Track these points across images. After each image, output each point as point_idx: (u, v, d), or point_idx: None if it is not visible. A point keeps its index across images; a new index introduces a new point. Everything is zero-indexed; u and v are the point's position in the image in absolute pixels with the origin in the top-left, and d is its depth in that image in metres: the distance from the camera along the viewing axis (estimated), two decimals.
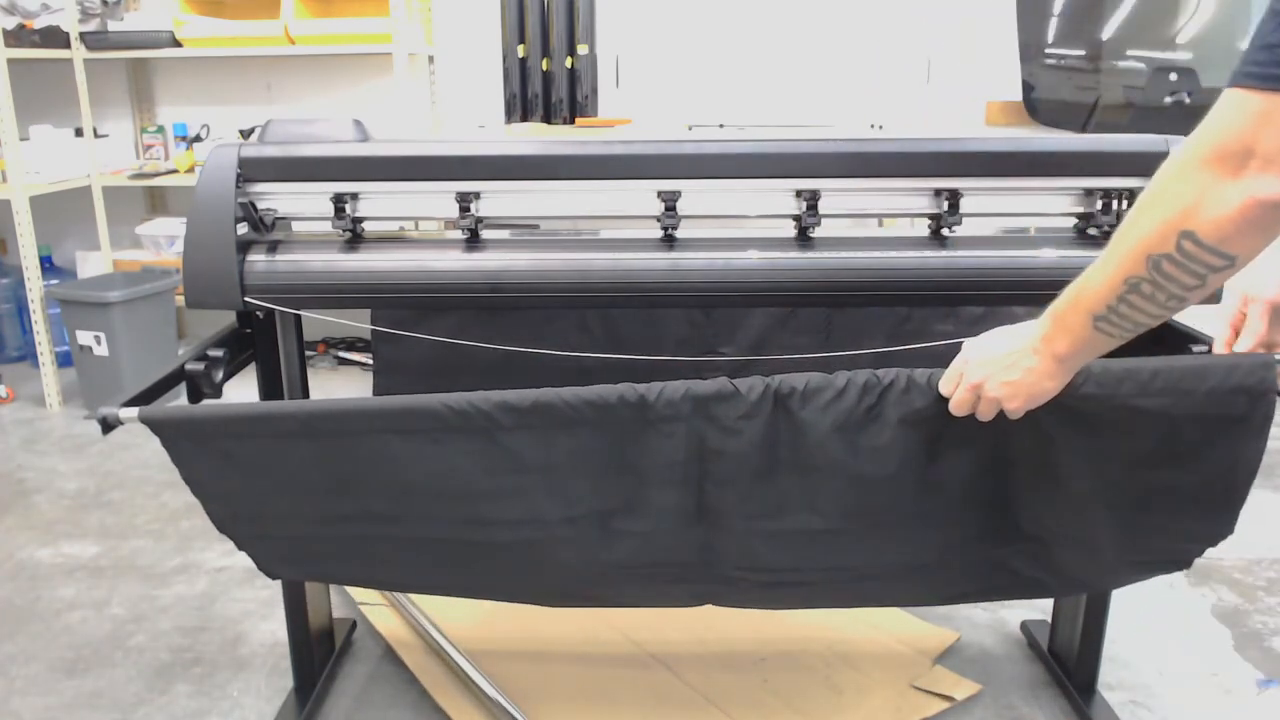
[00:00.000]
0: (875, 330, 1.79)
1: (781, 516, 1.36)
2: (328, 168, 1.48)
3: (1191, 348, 1.46)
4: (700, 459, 1.31)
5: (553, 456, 1.31)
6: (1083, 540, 1.39)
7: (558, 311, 1.78)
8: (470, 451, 1.30)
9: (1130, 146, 1.48)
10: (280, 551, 1.50)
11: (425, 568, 1.52)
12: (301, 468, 1.34)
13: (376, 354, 1.86)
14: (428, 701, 1.89)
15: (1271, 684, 1.97)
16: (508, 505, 1.36)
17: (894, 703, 1.87)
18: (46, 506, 2.79)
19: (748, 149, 1.47)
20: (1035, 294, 1.50)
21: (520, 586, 1.58)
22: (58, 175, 3.62)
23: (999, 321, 1.75)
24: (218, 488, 1.39)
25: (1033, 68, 3.58)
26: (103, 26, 3.76)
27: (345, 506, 1.38)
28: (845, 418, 1.28)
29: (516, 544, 1.41)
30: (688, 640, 2.02)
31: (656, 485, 1.34)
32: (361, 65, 3.90)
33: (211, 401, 1.37)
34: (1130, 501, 1.33)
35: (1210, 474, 1.30)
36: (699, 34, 3.77)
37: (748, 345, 1.80)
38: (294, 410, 1.31)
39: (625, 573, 1.46)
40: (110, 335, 3.37)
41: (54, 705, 1.92)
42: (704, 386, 1.26)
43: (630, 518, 1.37)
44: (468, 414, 1.27)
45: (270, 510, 1.41)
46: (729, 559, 1.44)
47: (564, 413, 1.27)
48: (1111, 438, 1.27)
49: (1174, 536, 1.39)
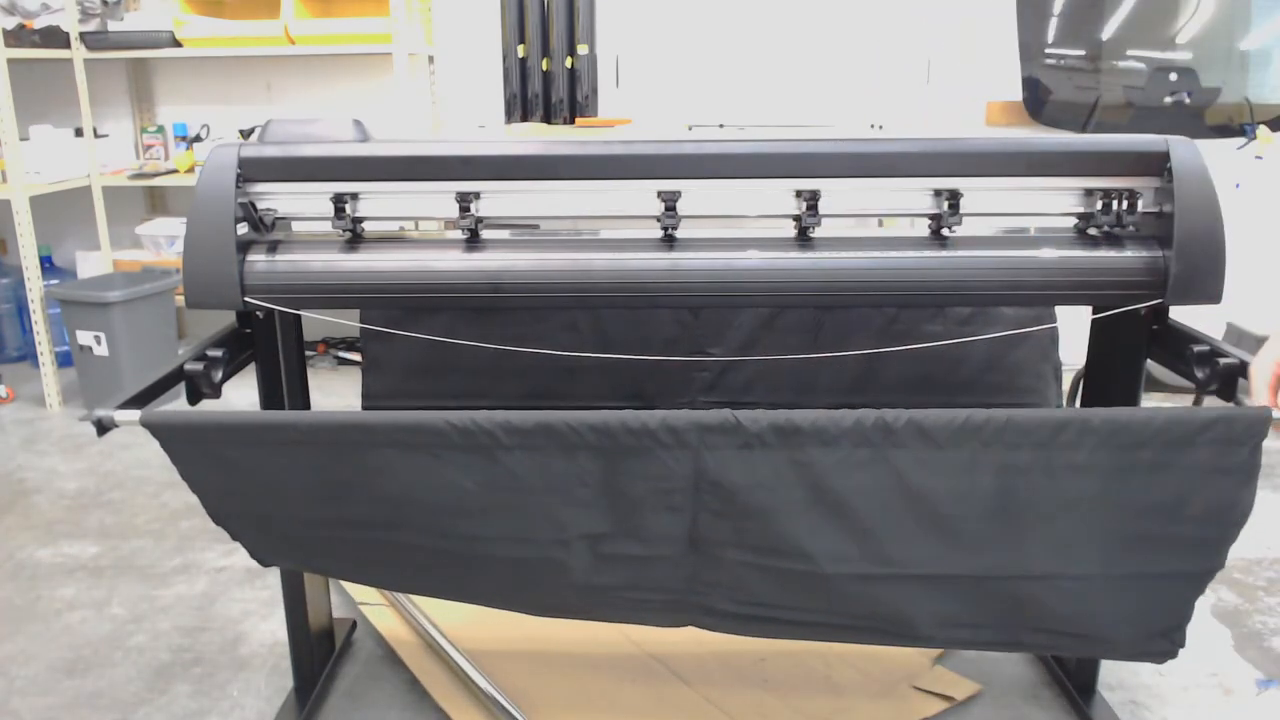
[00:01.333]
0: (864, 330, 1.78)
1: (777, 553, 1.35)
2: (328, 168, 1.48)
3: (1192, 348, 1.46)
4: (697, 489, 1.31)
5: (550, 477, 1.30)
6: (1075, 578, 1.38)
7: (547, 311, 1.77)
8: (469, 468, 1.30)
9: (1130, 146, 1.47)
10: (274, 546, 1.51)
11: (416, 574, 1.52)
12: (300, 476, 1.34)
13: (365, 353, 1.85)
14: (427, 702, 1.89)
15: (1271, 684, 1.97)
16: (501, 523, 1.36)
17: (894, 703, 1.87)
18: (46, 506, 2.79)
19: (748, 149, 1.47)
20: (1035, 294, 1.51)
21: (509, 598, 1.59)
22: (58, 175, 3.62)
23: (986, 322, 1.75)
24: (215, 487, 1.39)
25: (1033, 68, 3.58)
26: (103, 26, 3.76)
27: (340, 513, 1.38)
28: (849, 457, 1.28)
29: (507, 561, 1.41)
30: (687, 640, 2.02)
31: (651, 511, 1.33)
32: (361, 65, 3.90)
33: (213, 406, 1.37)
34: (1124, 542, 1.34)
35: (1204, 518, 1.31)
36: (699, 34, 3.77)
37: (736, 345, 1.80)
38: (296, 421, 1.31)
39: (612, 596, 1.46)
40: (110, 335, 3.37)
41: (54, 705, 1.92)
42: (708, 417, 1.26)
43: (622, 542, 1.37)
44: (471, 432, 1.26)
45: (267, 511, 1.42)
46: (718, 590, 1.43)
47: (566, 436, 1.27)
48: (1111, 483, 1.29)
49: (1164, 577, 1.38)
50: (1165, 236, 1.44)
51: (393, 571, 1.55)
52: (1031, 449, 1.27)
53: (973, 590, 1.39)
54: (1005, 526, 1.33)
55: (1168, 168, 1.44)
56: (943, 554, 1.35)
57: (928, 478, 1.29)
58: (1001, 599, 1.40)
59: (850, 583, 1.38)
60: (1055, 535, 1.33)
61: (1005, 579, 1.38)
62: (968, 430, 1.26)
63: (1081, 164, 1.47)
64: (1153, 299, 1.46)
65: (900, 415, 1.25)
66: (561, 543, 1.37)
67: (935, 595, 1.40)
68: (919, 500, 1.31)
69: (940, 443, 1.26)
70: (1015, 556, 1.36)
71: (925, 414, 1.25)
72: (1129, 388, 1.64)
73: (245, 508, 1.42)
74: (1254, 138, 3.33)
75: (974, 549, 1.35)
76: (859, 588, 1.38)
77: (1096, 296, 1.50)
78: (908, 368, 1.77)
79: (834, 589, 1.39)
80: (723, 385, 1.82)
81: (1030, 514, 1.32)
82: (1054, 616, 1.41)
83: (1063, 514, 1.32)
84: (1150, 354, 1.60)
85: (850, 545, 1.34)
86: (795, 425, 1.26)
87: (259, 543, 1.50)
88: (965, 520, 1.32)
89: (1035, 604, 1.40)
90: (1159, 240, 1.47)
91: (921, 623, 1.43)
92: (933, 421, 1.25)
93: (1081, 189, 1.49)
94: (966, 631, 1.47)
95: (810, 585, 1.39)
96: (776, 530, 1.33)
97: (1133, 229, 1.47)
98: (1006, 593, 1.39)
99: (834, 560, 1.35)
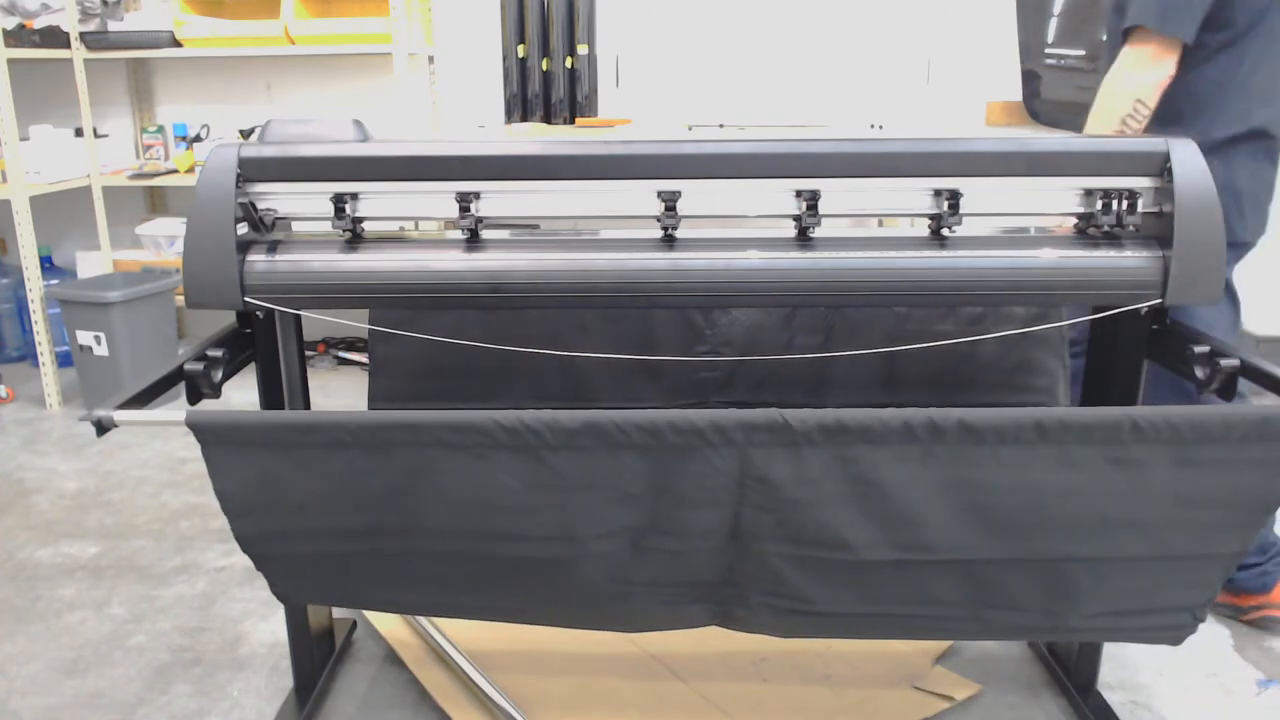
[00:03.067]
0: (875, 330, 1.78)
1: (818, 544, 1.38)
2: (328, 168, 1.48)
3: (1192, 348, 1.46)
4: (741, 485, 1.32)
5: (595, 476, 1.31)
6: (1116, 561, 1.42)
7: (555, 311, 1.77)
8: (514, 469, 1.30)
9: (1130, 146, 1.47)
10: (301, 570, 1.48)
11: (448, 586, 1.50)
12: (340, 480, 1.32)
13: (372, 354, 1.86)
14: (428, 702, 1.89)
15: (1271, 684, 1.97)
16: (543, 521, 1.36)
17: (894, 703, 1.87)
18: (46, 506, 2.79)
19: (748, 149, 1.47)
20: (1035, 294, 1.51)
21: (539, 607, 1.58)
22: (58, 175, 3.62)
23: (998, 322, 1.76)
24: (250, 500, 1.36)
25: (1033, 68, 3.58)
26: (103, 26, 3.76)
27: (377, 520, 1.37)
28: (896, 454, 1.29)
29: (545, 561, 1.41)
30: (688, 640, 2.01)
31: (693, 507, 1.34)
32: (361, 65, 3.90)
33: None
34: (1167, 530, 1.38)
35: (1243, 506, 1.36)
36: (699, 34, 3.77)
37: (746, 345, 1.80)
38: (343, 421, 1.29)
39: (648, 591, 1.47)
40: (110, 335, 3.37)
41: (54, 705, 1.92)
42: (755, 417, 1.27)
43: (663, 536, 1.38)
44: (517, 432, 1.27)
45: (300, 526, 1.39)
46: (753, 584, 1.45)
47: (613, 436, 1.27)
48: (1152, 478, 1.32)
49: (1200, 558, 1.42)
50: (1165, 236, 1.44)
51: (425, 588, 1.52)
52: (1086, 446, 1.30)
53: (1009, 574, 1.43)
54: (1049, 516, 1.36)
55: (1168, 168, 1.44)
56: (985, 542, 1.38)
57: (974, 473, 1.31)
58: (1037, 583, 1.44)
59: (888, 569, 1.40)
60: (1100, 524, 1.36)
61: (1044, 562, 1.41)
62: (1020, 428, 1.28)
63: (1081, 164, 1.47)
64: (1153, 299, 1.46)
65: (949, 415, 1.27)
66: (602, 537, 1.37)
67: (973, 579, 1.43)
68: (962, 493, 1.33)
69: (990, 442, 1.28)
70: (1058, 543, 1.39)
71: (976, 413, 1.27)
72: (1129, 388, 1.64)
73: (278, 525, 1.39)
74: None
75: (1018, 537, 1.38)
76: (896, 574, 1.41)
77: (1096, 296, 1.51)
78: (917, 366, 1.77)
79: (871, 577, 1.41)
80: (734, 385, 1.82)
81: (1075, 505, 1.35)
82: (1091, 598, 1.45)
83: (1111, 505, 1.34)
84: (1150, 354, 1.60)
85: (892, 534, 1.36)
86: (843, 424, 1.27)
87: (286, 569, 1.47)
88: (1011, 511, 1.35)
89: (1073, 587, 1.43)
90: (1159, 240, 1.47)
91: (957, 607, 1.46)
92: (980, 421, 1.27)
93: (1081, 189, 1.49)
94: (1001, 614, 1.49)
95: (848, 574, 1.41)
96: (818, 522, 1.35)
97: (1133, 229, 1.48)
98: (1042, 576, 1.43)
99: (873, 548, 1.37)
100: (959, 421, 1.27)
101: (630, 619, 1.62)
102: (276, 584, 1.51)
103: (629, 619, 1.62)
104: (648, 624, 1.69)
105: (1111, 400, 1.68)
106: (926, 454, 1.30)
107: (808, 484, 1.32)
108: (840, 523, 1.35)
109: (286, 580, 1.51)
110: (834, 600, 1.47)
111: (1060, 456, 1.31)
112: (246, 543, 1.41)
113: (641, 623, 1.68)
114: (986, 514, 1.36)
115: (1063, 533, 1.38)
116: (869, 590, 1.45)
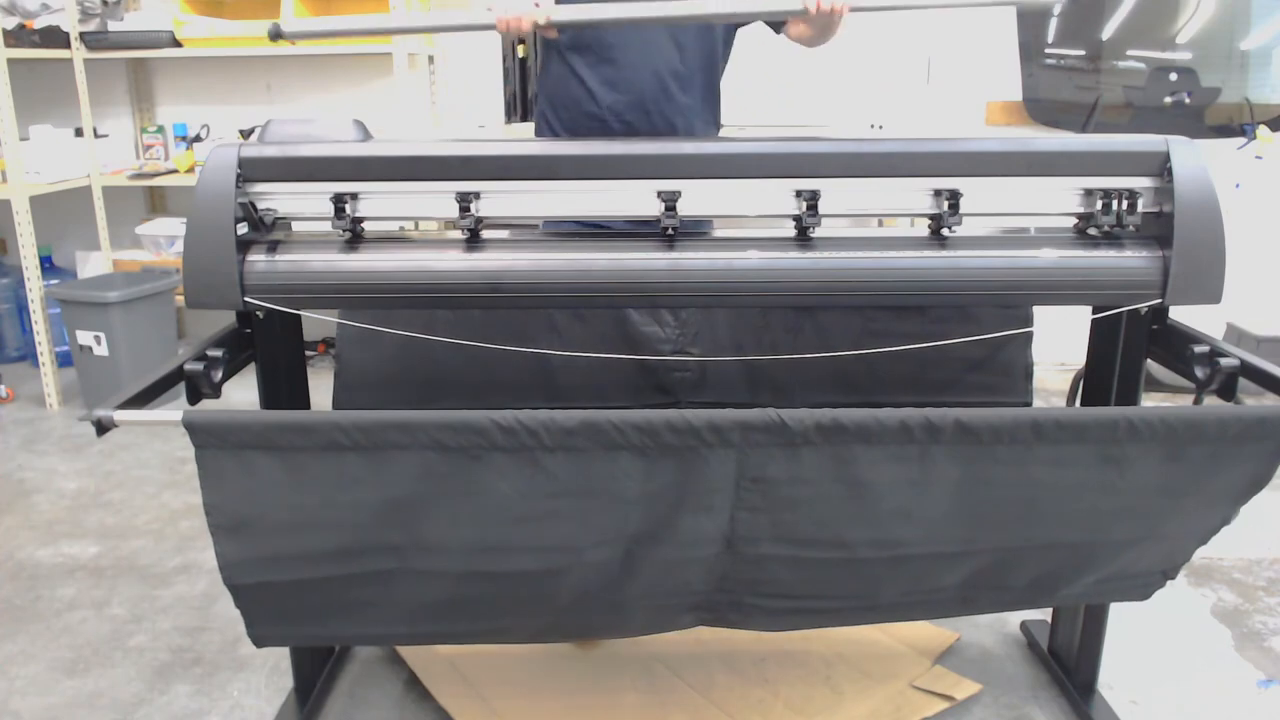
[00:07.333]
0: (843, 330, 1.77)
1: (814, 544, 1.38)
2: (328, 168, 1.48)
3: (1192, 348, 1.46)
4: (737, 485, 1.32)
5: (591, 480, 1.30)
6: (1105, 543, 1.46)
7: (527, 312, 1.75)
8: (508, 472, 1.29)
9: (1130, 146, 1.47)
10: (284, 601, 1.43)
11: (439, 612, 1.47)
12: (334, 491, 1.30)
13: (339, 359, 1.80)
14: (428, 702, 1.89)
15: (1271, 684, 1.97)
16: (538, 531, 1.35)
17: (894, 703, 1.87)
18: (46, 506, 2.79)
19: (747, 149, 1.47)
20: (1035, 294, 1.51)
21: (531, 623, 1.56)
22: (58, 175, 3.62)
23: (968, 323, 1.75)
24: (241, 515, 1.32)
25: (1033, 68, 3.58)
26: (103, 26, 3.76)
27: (370, 538, 1.35)
28: (892, 453, 1.30)
29: (538, 574, 1.40)
30: (688, 640, 2.02)
31: (689, 512, 1.34)
32: (361, 65, 3.90)
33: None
34: (1158, 515, 1.42)
35: (1231, 491, 1.40)
36: None
37: (716, 346, 1.80)
38: (341, 421, 1.27)
39: (641, 601, 1.47)
40: (110, 335, 3.37)
41: (54, 705, 1.92)
42: (752, 417, 1.27)
43: (658, 545, 1.37)
44: (514, 431, 1.26)
45: (290, 547, 1.36)
46: (747, 587, 1.45)
47: (610, 435, 1.27)
48: (1143, 473, 1.34)
49: (1184, 534, 1.48)
50: (1165, 236, 1.44)
51: (415, 619, 1.49)
52: (1081, 445, 1.31)
53: (1000, 560, 1.45)
54: (1042, 510, 1.38)
55: (1168, 168, 1.44)
56: (978, 536, 1.41)
57: (970, 472, 1.33)
58: (1026, 567, 1.47)
59: (881, 565, 1.41)
60: (1091, 514, 1.39)
61: (1035, 549, 1.44)
62: (1017, 428, 1.29)
63: (1081, 164, 1.47)
64: (1153, 299, 1.46)
65: (945, 415, 1.28)
66: (598, 546, 1.37)
67: (965, 568, 1.45)
68: (957, 492, 1.34)
69: (985, 440, 1.30)
70: (1049, 532, 1.42)
71: (972, 413, 1.28)
72: (1129, 387, 1.64)
73: (267, 546, 1.35)
74: (1254, 137, 3.33)
75: (1011, 531, 1.41)
76: (889, 569, 1.43)
77: (1096, 296, 1.51)
78: (884, 367, 1.77)
79: (865, 573, 1.43)
80: (706, 386, 1.81)
81: (1068, 499, 1.37)
82: (1076, 575, 1.50)
83: (1102, 498, 1.37)
84: (1150, 354, 1.60)
85: (886, 533, 1.37)
86: (840, 424, 1.27)
87: (270, 600, 1.41)
88: (1004, 507, 1.37)
89: (1061, 568, 1.48)
90: (1159, 240, 1.47)
91: (952, 590, 1.49)
92: (977, 421, 1.28)
93: (1081, 189, 1.49)
94: (994, 594, 1.54)
95: (845, 571, 1.42)
96: (814, 521, 1.36)
97: (1133, 229, 1.47)
98: (1032, 561, 1.46)
99: (868, 546, 1.39)
100: (955, 421, 1.28)
101: (621, 628, 1.62)
102: (255, 622, 1.45)
103: (619, 628, 1.61)
104: (637, 632, 1.68)
105: (1111, 400, 1.68)
106: (923, 454, 1.30)
107: (804, 484, 1.32)
108: (836, 522, 1.36)
109: (268, 615, 1.45)
110: (827, 595, 1.48)
111: (1056, 456, 1.32)
112: (231, 570, 1.35)
113: (630, 631, 1.68)
114: (981, 511, 1.37)
115: (1054, 523, 1.40)
116: (862, 584, 1.46)
